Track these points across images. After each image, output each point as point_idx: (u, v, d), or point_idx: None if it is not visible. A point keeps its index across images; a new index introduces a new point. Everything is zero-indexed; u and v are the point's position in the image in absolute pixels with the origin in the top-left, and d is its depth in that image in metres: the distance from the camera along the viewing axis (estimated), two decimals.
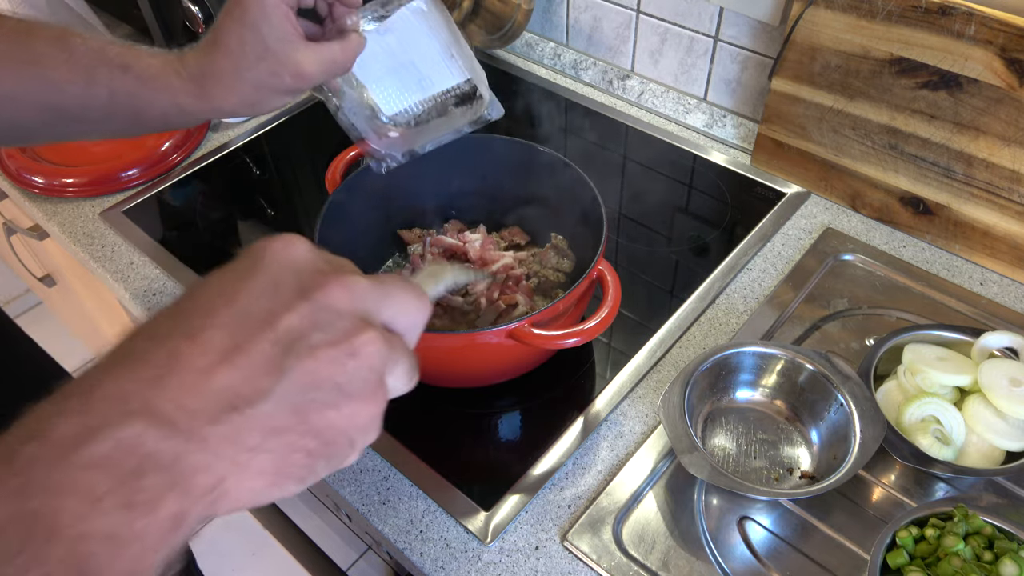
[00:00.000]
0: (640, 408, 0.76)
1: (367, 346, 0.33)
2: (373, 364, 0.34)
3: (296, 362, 0.32)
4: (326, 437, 0.33)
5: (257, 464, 0.31)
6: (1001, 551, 0.57)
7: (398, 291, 0.37)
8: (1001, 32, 0.74)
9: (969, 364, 0.71)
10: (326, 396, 0.32)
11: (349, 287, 0.34)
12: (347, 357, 0.33)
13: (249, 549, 1.70)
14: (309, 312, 0.33)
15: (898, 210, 0.91)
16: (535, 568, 0.65)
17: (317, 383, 0.32)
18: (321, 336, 0.32)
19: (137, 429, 0.28)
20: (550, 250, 0.84)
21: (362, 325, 0.34)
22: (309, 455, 0.32)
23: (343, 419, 0.33)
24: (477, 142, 0.85)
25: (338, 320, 0.33)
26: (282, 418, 0.31)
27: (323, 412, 0.32)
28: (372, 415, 0.34)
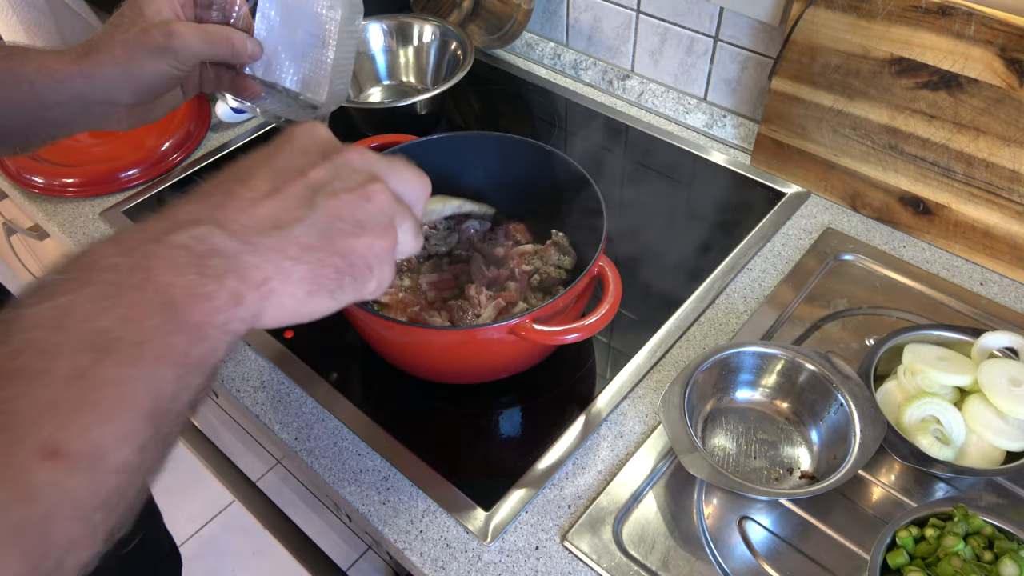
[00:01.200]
0: (640, 408, 0.76)
1: (378, 194, 0.43)
2: (383, 208, 0.43)
3: (323, 201, 0.41)
4: (350, 259, 0.41)
5: (298, 272, 0.40)
6: (1001, 551, 0.57)
7: (403, 167, 0.47)
8: (1001, 32, 0.74)
9: (969, 364, 0.71)
10: (347, 227, 0.42)
11: (363, 153, 0.45)
12: (362, 200, 0.42)
13: (249, 549, 1.70)
14: (332, 168, 0.43)
15: (898, 210, 0.91)
16: (535, 568, 0.65)
17: (340, 216, 0.41)
18: (341, 184, 0.43)
19: (206, 230, 0.38)
20: (551, 247, 0.84)
21: (374, 179, 0.44)
22: (337, 271, 0.41)
23: (362, 246, 0.42)
24: (479, 140, 0.85)
25: (355, 174, 0.43)
26: (314, 238, 0.40)
27: (346, 239, 0.41)
28: (385, 248, 0.43)
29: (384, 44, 1.17)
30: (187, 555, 1.69)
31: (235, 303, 0.38)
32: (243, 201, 0.41)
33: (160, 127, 1.08)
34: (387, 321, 0.70)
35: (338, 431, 0.75)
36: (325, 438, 0.75)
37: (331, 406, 0.77)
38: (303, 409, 0.77)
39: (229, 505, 1.77)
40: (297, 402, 0.78)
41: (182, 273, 0.36)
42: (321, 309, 0.42)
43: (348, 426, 0.75)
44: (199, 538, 1.73)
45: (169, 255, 0.37)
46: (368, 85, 1.18)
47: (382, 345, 0.74)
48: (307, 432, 0.75)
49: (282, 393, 0.79)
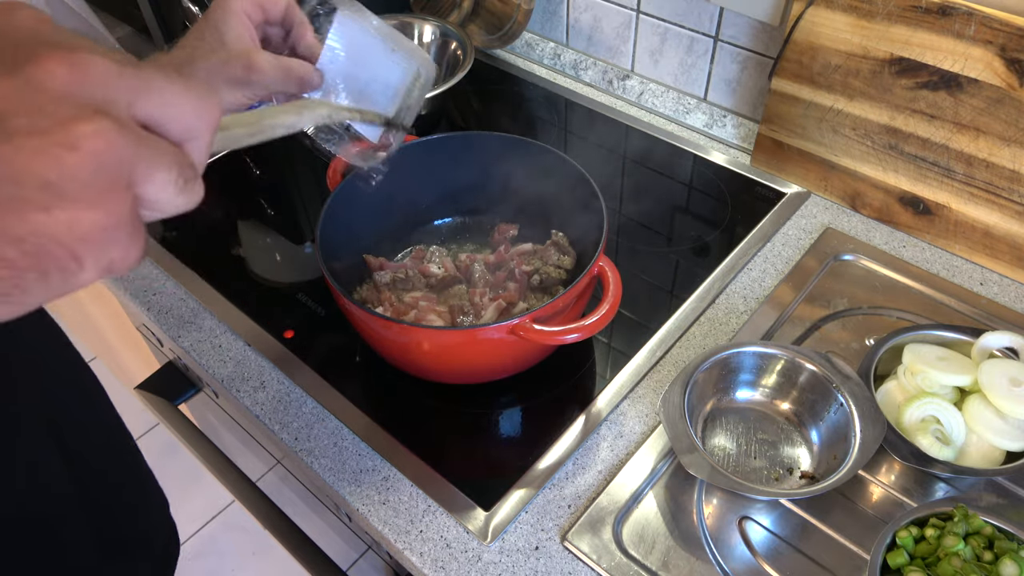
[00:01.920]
0: (640, 408, 0.76)
1: (91, 139, 0.26)
2: (102, 161, 0.27)
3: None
4: (31, 245, 0.26)
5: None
6: (1001, 551, 0.57)
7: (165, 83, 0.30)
8: (1001, 32, 0.74)
9: (969, 364, 0.71)
10: (28, 194, 0.26)
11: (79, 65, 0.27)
12: (61, 149, 0.26)
13: (249, 549, 1.71)
14: (14, 90, 0.26)
15: (898, 210, 0.91)
16: (535, 568, 0.65)
17: (15, 177, 0.25)
18: (29, 121, 0.26)
19: None
20: (551, 247, 0.84)
21: (89, 113, 0.27)
22: (11, 268, 0.26)
23: (56, 225, 0.26)
24: (479, 139, 0.85)
25: (55, 105, 0.26)
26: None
27: (24, 214, 0.26)
28: (101, 225, 0.27)
29: None
30: (187, 555, 1.70)
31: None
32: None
33: None
34: (387, 321, 0.70)
35: (338, 431, 0.75)
36: (325, 438, 0.75)
37: (331, 406, 0.77)
38: (303, 409, 0.77)
39: (229, 505, 1.77)
40: (297, 402, 0.78)
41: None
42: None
43: (348, 426, 0.75)
44: (199, 538, 1.73)
45: None
46: None
47: (382, 345, 0.74)
48: (307, 432, 0.75)
49: (282, 393, 0.79)
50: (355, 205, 0.80)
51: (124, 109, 0.28)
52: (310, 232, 0.99)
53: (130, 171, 0.28)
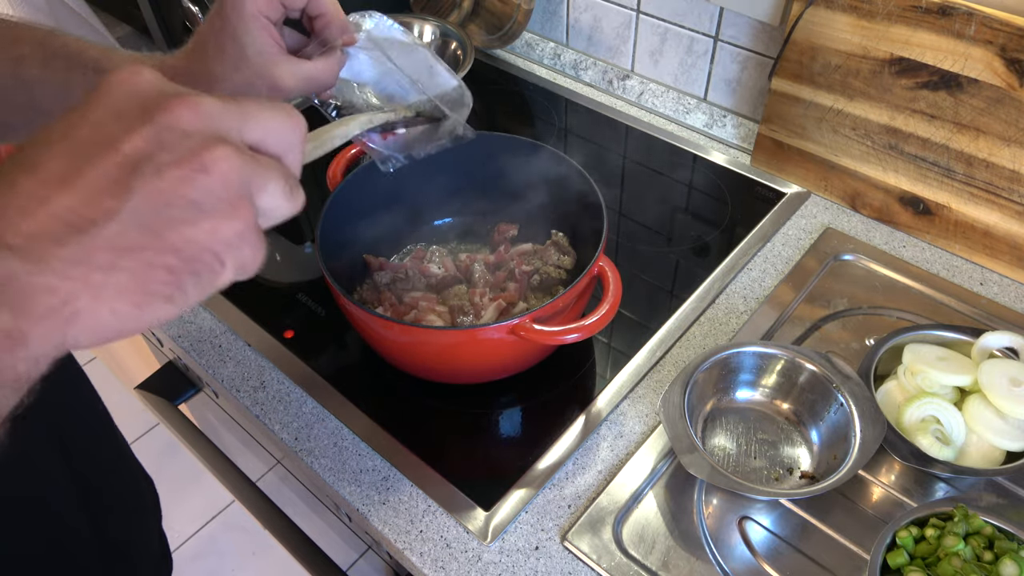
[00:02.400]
0: (640, 408, 0.76)
1: (219, 162, 0.33)
2: (229, 179, 0.33)
3: (142, 182, 0.31)
4: (187, 253, 0.32)
5: (115, 283, 0.31)
6: (1001, 551, 0.57)
7: (260, 111, 0.36)
8: (1001, 32, 0.74)
9: (969, 364, 0.71)
10: (180, 212, 0.32)
11: (196, 107, 0.33)
12: (197, 173, 0.32)
13: (249, 549, 1.70)
14: (153, 134, 0.32)
15: (898, 210, 0.91)
16: (535, 568, 0.65)
17: (168, 201, 0.32)
18: (168, 156, 0.32)
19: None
20: (551, 247, 0.84)
21: (212, 142, 0.33)
22: (171, 272, 0.32)
23: (203, 234, 0.32)
24: (479, 139, 0.85)
25: (185, 140, 0.33)
26: (133, 237, 0.31)
27: (179, 228, 0.32)
28: (236, 230, 0.34)
29: None
30: (187, 555, 1.70)
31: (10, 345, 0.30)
32: (29, 199, 0.30)
33: None
34: (387, 321, 0.70)
35: (338, 431, 0.75)
36: (325, 438, 0.75)
37: (331, 406, 0.77)
38: (303, 409, 0.77)
39: (229, 505, 1.77)
40: (297, 402, 0.78)
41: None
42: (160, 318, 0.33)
43: (348, 426, 0.75)
44: (199, 538, 1.73)
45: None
46: None
47: (382, 345, 0.74)
48: (307, 432, 0.75)
49: (282, 393, 0.79)
50: (355, 205, 0.80)
51: (236, 136, 0.34)
52: (310, 232, 0.99)
53: (249, 185, 0.34)
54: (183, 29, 1.14)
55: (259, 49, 0.57)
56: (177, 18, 1.12)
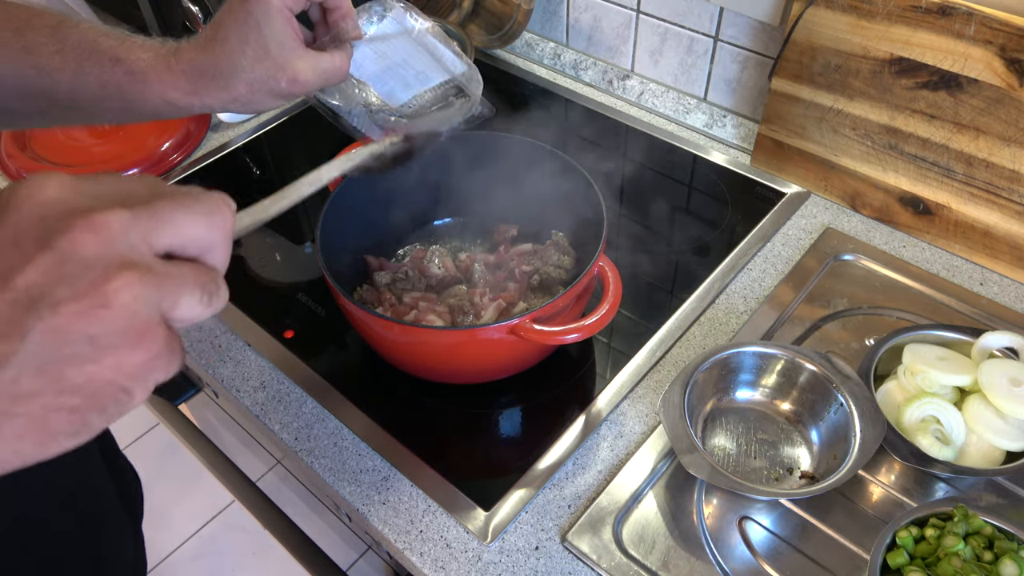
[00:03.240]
0: (640, 408, 0.76)
1: (121, 293, 0.30)
2: (133, 310, 0.31)
3: (38, 322, 0.29)
4: (89, 391, 0.31)
5: (12, 429, 0.30)
6: (1001, 551, 0.57)
7: (174, 213, 0.33)
8: (1001, 32, 0.74)
9: (969, 364, 0.71)
10: (80, 350, 0.30)
11: (99, 229, 0.31)
12: (98, 309, 0.30)
13: (249, 549, 1.70)
14: (51, 264, 0.30)
15: (898, 210, 0.91)
16: (535, 568, 0.65)
17: (66, 340, 0.30)
18: (66, 290, 0.30)
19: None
20: (551, 247, 0.84)
21: (115, 270, 0.30)
22: (74, 411, 0.31)
23: (106, 371, 0.31)
24: (479, 139, 0.85)
25: (86, 270, 0.30)
26: (29, 382, 0.29)
27: (79, 367, 0.30)
28: (143, 360, 0.32)
29: None
30: (187, 555, 1.70)
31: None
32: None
33: (160, 127, 1.08)
34: (387, 321, 0.70)
35: (338, 431, 0.75)
36: (325, 438, 0.75)
37: (331, 406, 0.77)
38: (303, 409, 0.77)
39: (229, 505, 1.77)
40: (297, 402, 0.78)
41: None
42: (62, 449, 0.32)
43: (348, 426, 0.75)
44: (199, 538, 1.73)
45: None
46: None
47: (382, 345, 0.74)
48: (307, 432, 0.75)
49: (282, 393, 0.79)
50: (355, 205, 0.80)
51: (146, 249, 0.32)
52: (310, 232, 0.99)
53: (159, 305, 0.32)
54: (183, 29, 1.14)
55: (281, 41, 0.57)
56: (177, 18, 1.12)
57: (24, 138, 1.07)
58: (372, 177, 0.78)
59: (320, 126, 1.15)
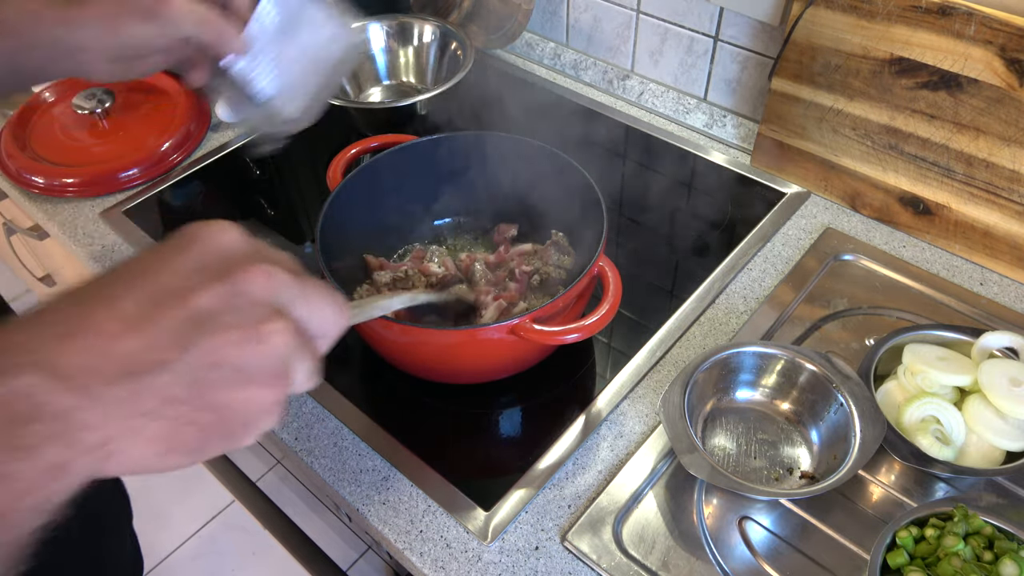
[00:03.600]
0: (640, 408, 0.76)
1: (275, 336, 0.34)
2: (279, 353, 0.35)
3: (201, 339, 0.33)
4: (222, 415, 0.34)
5: (150, 431, 0.32)
6: (1001, 551, 0.57)
7: (318, 295, 0.38)
8: (1001, 32, 0.74)
9: (969, 364, 0.71)
10: (227, 376, 0.33)
11: (270, 276, 0.35)
12: (253, 342, 0.34)
13: (249, 549, 1.70)
14: (225, 294, 0.34)
15: (898, 210, 0.91)
16: (535, 568, 0.65)
17: (219, 362, 0.33)
18: (232, 318, 0.34)
19: (32, 380, 0.30)
20: (551, 247, 0.84)
21: (275, 315, 0.35)
22: (202, 430, 0.33)
23: (240, 401, 0.34)
24: (479, 139, 0.85)
25: (252, 307, 0.34)
26: (180, 390, 0.32)
27: (222, 391, 0.33)
28: (271, 401, 0.35)
29: (384, 44, 1.17)
30: (187, 555, 1.70)
31: (53, 476, 0.30)
32: (98, 335, 0.32)
33: (160, 127, 1.08)
34: (387, 321, 0.70)
35: (338, 431, 0.75)
36: (325, 438, 0.75)
37: (331, 406, 0.77)
38: (303, 409, 0.77)
39: (229, 505, 1.77)
40: (297, 402, 0.78)
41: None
42: (173, 468, 0.34)
43: (348, 426, 0.75)
44: (199, 538, 1.73)
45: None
46: (368, 85, 1.18)
47: (382, 345, 0.74)
48: (307, 432, 0.75)
49: None
50: (355, 205, 0.80)
51: (291, 311, 0.36)
52: (310, 232, 0.99)
53: (289, 361, 0.36)
54: None
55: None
56: None
57: (24, 138, 1.07)
58: (372, 177, 0.78)
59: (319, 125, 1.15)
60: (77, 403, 0.30)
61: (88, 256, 0.95)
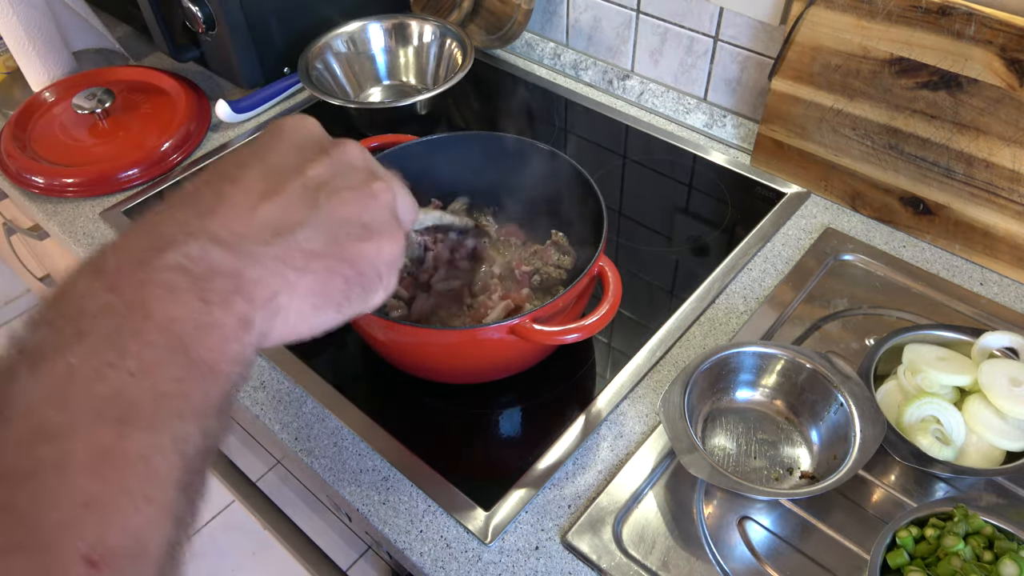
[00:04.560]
0: (640, 408, 0.76)
1: (383, 192, 0.40)
2: (389, 205, 0.41)
3: (326, 200, 0.38)
4: (359, 267, 0.38)
5: (304, 284, 0.36)
6: (1001, 551, 0.57)
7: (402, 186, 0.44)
8: (1001, 32, 0.74)
9: (969, 364, 0.71)
10: (356, 230, 0.38)
11: (361, 149, 0.41)
12: (368, 198, 0.39)
13: (249, 549, 1.70)
14: (331, 164, 0.39)
15: (898, 210, 0.91)
16: (535, 568, 0.65)
17: (347, 218, 0.38)
18: (343, 181, 0.39)
19: (200, 245, 0.33)
20: (551, 247, 0.84)
21: (375, 177, 0.41)
22: (346, 281, 0.38)
23: (372, 250, 0.39)
24: (479, 140, 0.85)
25: (355, 171, 0.40)
26: (320, 243, 0.37)
27: (355, 244, 0.38)
28: (394, 252, 0.40)
29: (384, 44, 1.17)
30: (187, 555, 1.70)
31: (244, 328, 0.33)
32: (237, 206, 0.36)
33: (160, 127, 1.09)
34: (387, 321, 0.70)
35: (338, 431, 0.75)
36: (325, 438, 0.75)
37: (331, 406, 0.77)
38: (303, 409, 0.77)
39: (229, 505, 1.77)
40: (297, 402, 0.78)
41: (184, 302, 0.32)
42: (325, 324, 0.38)
43: (348, 426, 0.75)
44: (199, 538, 1.73)
45: (166, 282, 0.32)
46: (368, 85, 1.18)
47: (382, 345, 0.74)
48: (307, 432, 0.75)
49: (282, 393, 0.79)
50: None
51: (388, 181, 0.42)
52: None
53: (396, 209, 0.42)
54: (183, 29, 1.14)
55: None
56: (177, 18, 1.13)
57: (24, 138, 1.07)
58: None
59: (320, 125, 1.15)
60: (242, 262, 0.34)
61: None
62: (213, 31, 1.09)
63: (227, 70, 1.16)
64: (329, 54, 1.13)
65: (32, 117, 1.10)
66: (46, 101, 1.13)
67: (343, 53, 1.15)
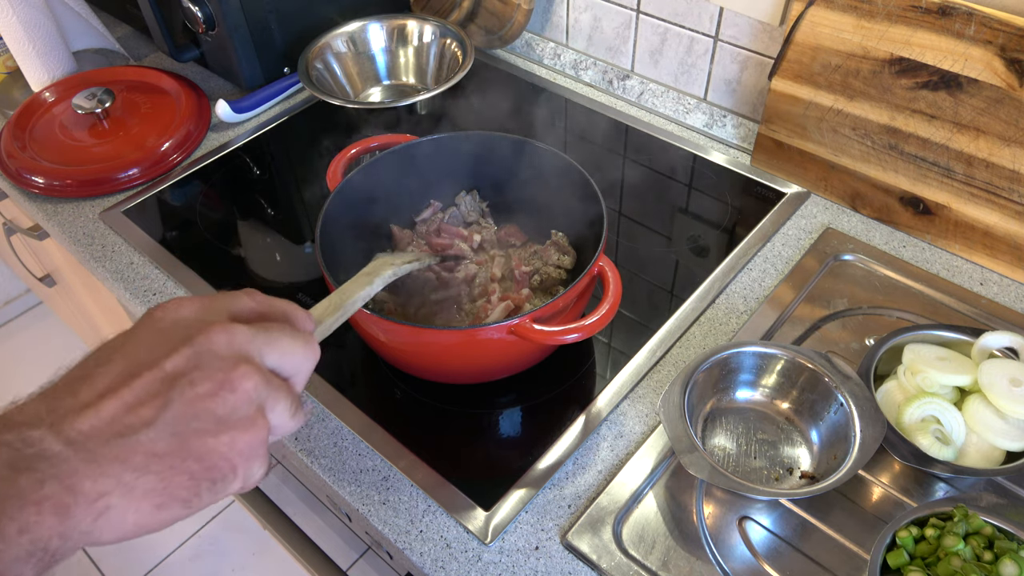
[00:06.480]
0: (640, 408, 0.76)
1: (243, 381, 0.38)
2: (250, 397, 0.39)
3: (178, 395, 0.37)
4: (207, 462, 0.37)
5: (144, 484, 0.35)
6: (1001, 551, 0.57)
7: (283, 338, 0.42)
8: (1001, 32, 0.74)
9: (969, 364, 0.71)
10: (205, 425, 0.37)
11: (230, 332, 0.39)
12: (225, 391, 0.38)
13: (249, 549, 1.70)
14: (192, 354, 0.38)
15: (898, 210, 0.91)
16: (535, 568, 0.65)
17: (196, 413, 0.37)
18: (201, 373, 0.38)
19: (41, 434, 0.35)
20: (551, 247, 0.84)
21: (240, 363, 0.39)
22: (192, 478, 0.37)
23: (222, 445, 0.37)
24: (478, 140, 0.85)
25: (216, 360, 0.38)
26: (164, 444, 0.36)
27: (203, 439, 0.37)
28: (250, 443, 0.38)
29: (384, 44, 1.17)
30: (187, 555, 1.70)
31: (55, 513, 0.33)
32: (84, 405, 0.36)
33: (160, 127, 1.09)
34: (387, 321, 0.70)
35: (338, 431, 0.75)
36: (325, 438, 0.75)
37: (331, 406, 0.77)
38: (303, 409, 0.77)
39: (229, 505, 1.77)
40: None
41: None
42: (173, 519, 0.37)
43: (348, 426, 0.75)
44: (199, 538, 1.73)
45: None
46: (368, 85, 1.18)
47: (382, 345, 0.74)
48: (307, 432, 0.75)
49: None
50: (355, 205, 0.80)
51: (259, 358, 0.40)
52: (310, 232, 0.99)
53: (265, 401, 0.40)
54: (183, 29, 1.14)
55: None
56: (177, 18, 1.13)
57: (24, 138, 1.07)
58: (372, 177, 0.78)
59: (320, 125, 1.15)
60: (76, 456, 0.34)
61: (88, 256, 0.95)
62: (213, 31, 1.09)
63: (227, 70, 1.16)
64: (329, 54, 1.13)
65: (32, 117, 1.11)
66: (46, 101, 1.13)
67: (343, 53, 1.15)
